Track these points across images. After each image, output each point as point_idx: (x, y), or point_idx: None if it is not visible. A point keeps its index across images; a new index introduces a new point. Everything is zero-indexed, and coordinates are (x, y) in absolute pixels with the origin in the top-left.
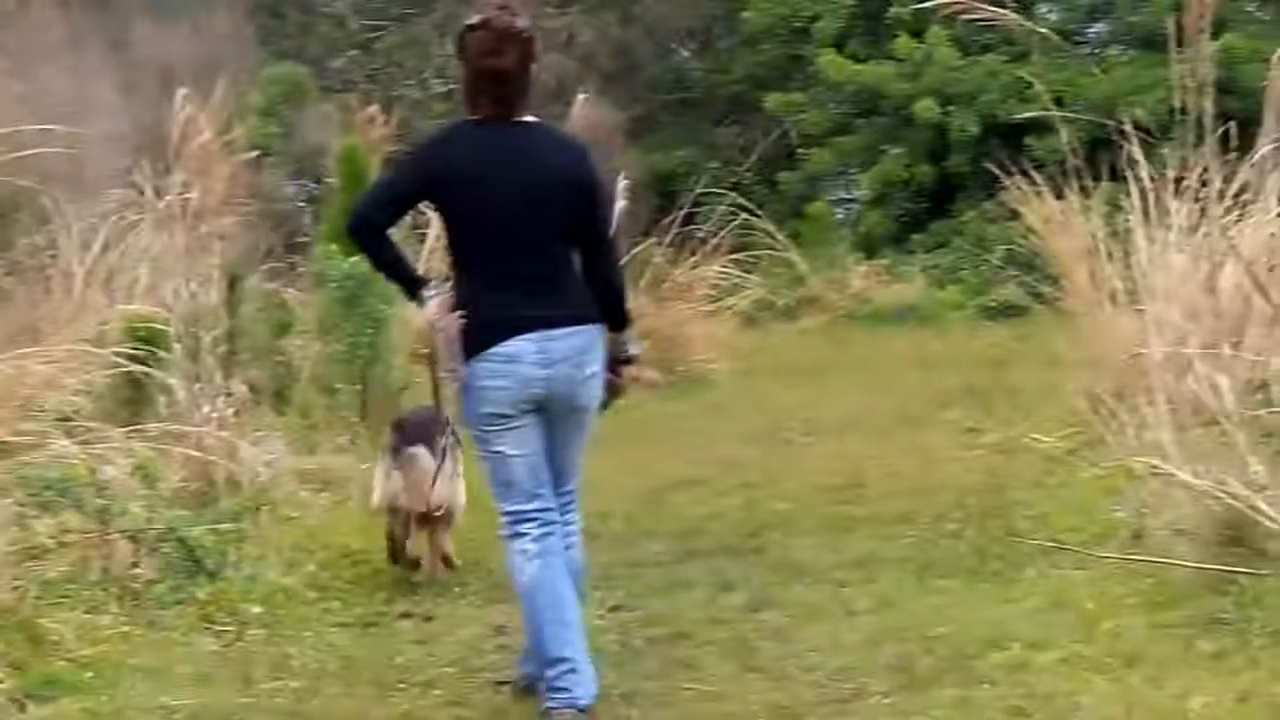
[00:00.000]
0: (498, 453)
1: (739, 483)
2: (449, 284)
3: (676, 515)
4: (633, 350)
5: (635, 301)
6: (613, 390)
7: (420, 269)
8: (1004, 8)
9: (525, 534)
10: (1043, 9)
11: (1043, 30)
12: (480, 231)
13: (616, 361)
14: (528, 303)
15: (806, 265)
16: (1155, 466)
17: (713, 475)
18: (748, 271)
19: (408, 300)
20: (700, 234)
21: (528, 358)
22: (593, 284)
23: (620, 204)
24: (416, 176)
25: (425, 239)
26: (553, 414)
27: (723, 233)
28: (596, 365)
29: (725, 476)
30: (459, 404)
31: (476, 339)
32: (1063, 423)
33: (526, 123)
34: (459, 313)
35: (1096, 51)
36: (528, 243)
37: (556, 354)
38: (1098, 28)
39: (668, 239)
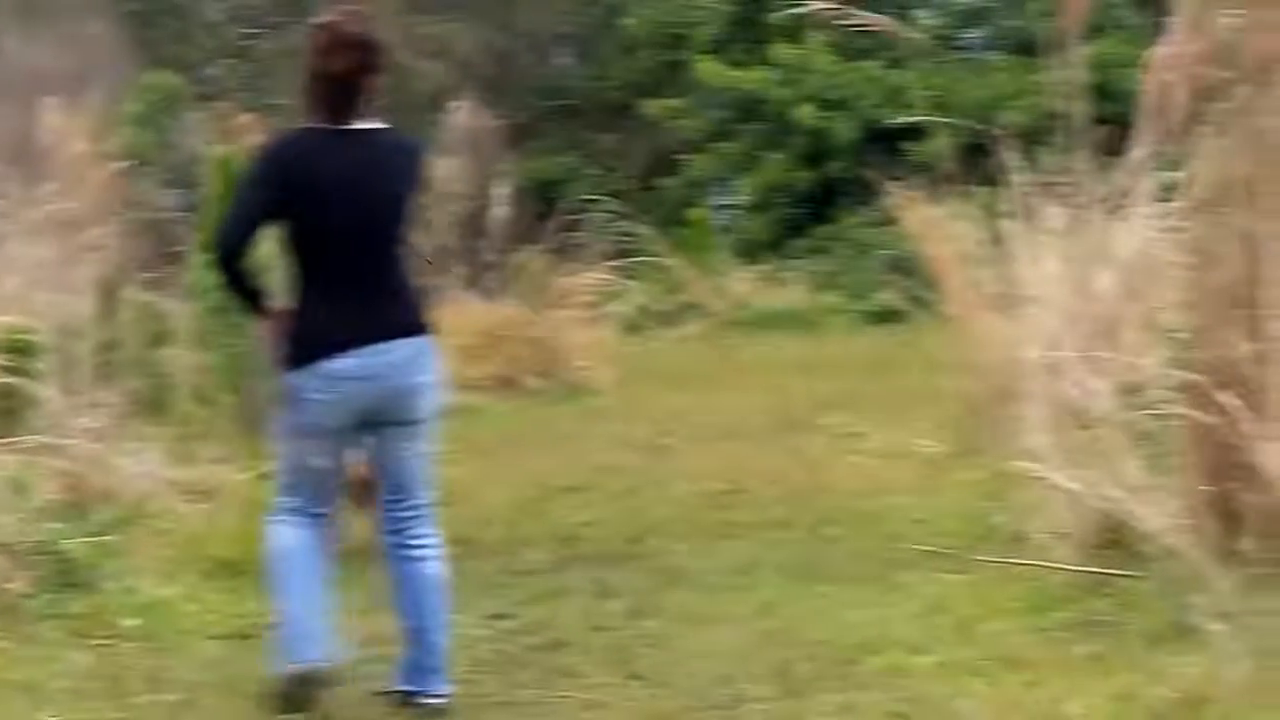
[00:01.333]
0: (303, 458)
1: (620, 489)
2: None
3: (556, 522)
4: None
5: (514, 308)
6: None
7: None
8: (881, 14)
9: (290, 521)
10: (920, 15)
11: (919, 36)
12: (315, 241)
13: None
14: (357, 315)
15: (687, 271)
16: (1033, 470)
17: (593, 482)
18: (629, 278)
19: (252, 315)
20: (581, 241)
21: (354, 372)
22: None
23: (501, 210)
24: (271, 189)
25: None
26: (383, 428)
27: (603, 239)
28: (427, 376)
29: (606, 483)
30: (282, 411)
31: (305, 351)
32: (942, 427)
33: (366, 130)
34: (291, 323)
35: (974, 57)
36: (362, 253)
37: (384, 367)
38: (975, 33)
39: (548, 246)
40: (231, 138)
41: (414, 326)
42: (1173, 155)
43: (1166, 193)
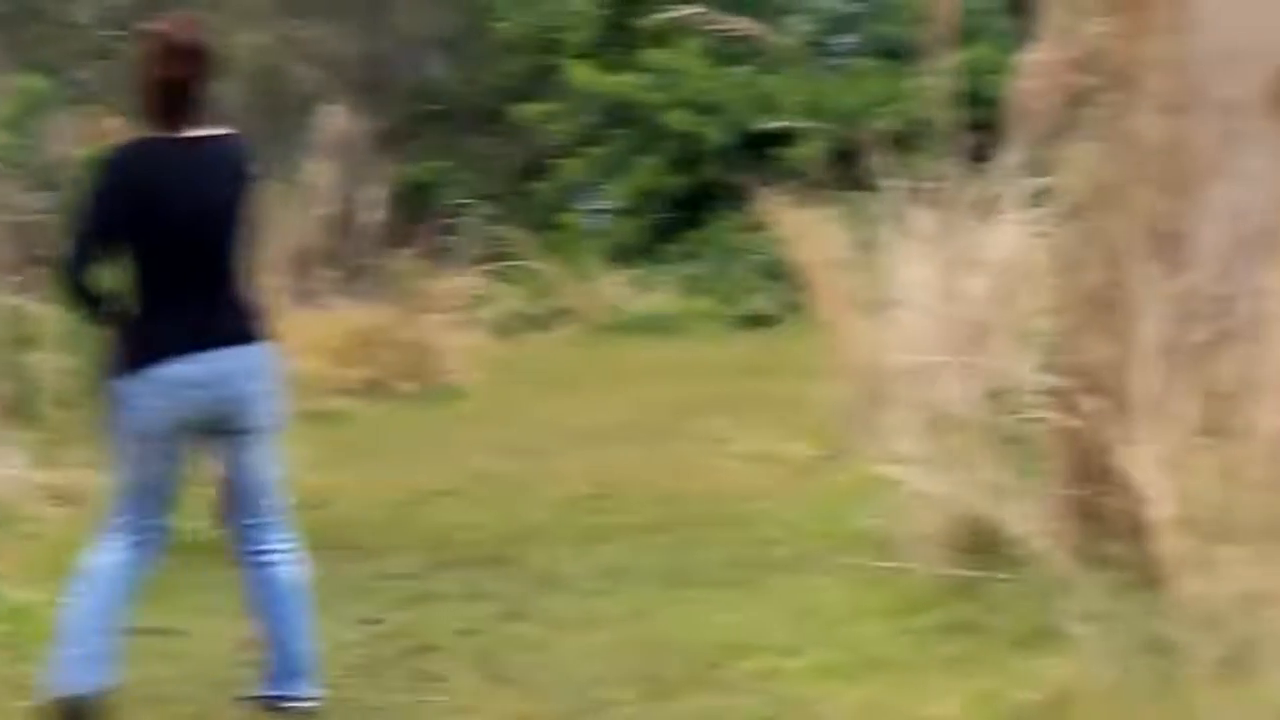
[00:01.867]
0: (138, 467)
1: (492, 493)
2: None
3: (428, 527)
4: None
5: (386, 312)
6: None
7: None
8: (753, 19)
9: (118, 538)
10: (792, 21)
11: (790, 42)
12: (151, 248)
13: None
14: (190, 322)
15: (559, 275)
16: (901, 474)
17: (465, 486)
18: (500, 282)
19: (95, 324)
20: (453, 244)
21: (186, 378)
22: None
23: (373, 214)
24: (114, 200)
25: None
26: (220, 436)
27: (475, 243)
28: (262, 384)
29: (478, 487)
30: (114, 417)
31: (137, 357)
32: (812, 432)
33: (200, 137)
34: (126, 330)
35: (845, 63)
36: (196, 260)
37: (215, 374)
38: (846, 39)
39: (420, 250)
40: (100, 141)
41: (248, 334)
42: (1042, 161)
43: (1036, 198)
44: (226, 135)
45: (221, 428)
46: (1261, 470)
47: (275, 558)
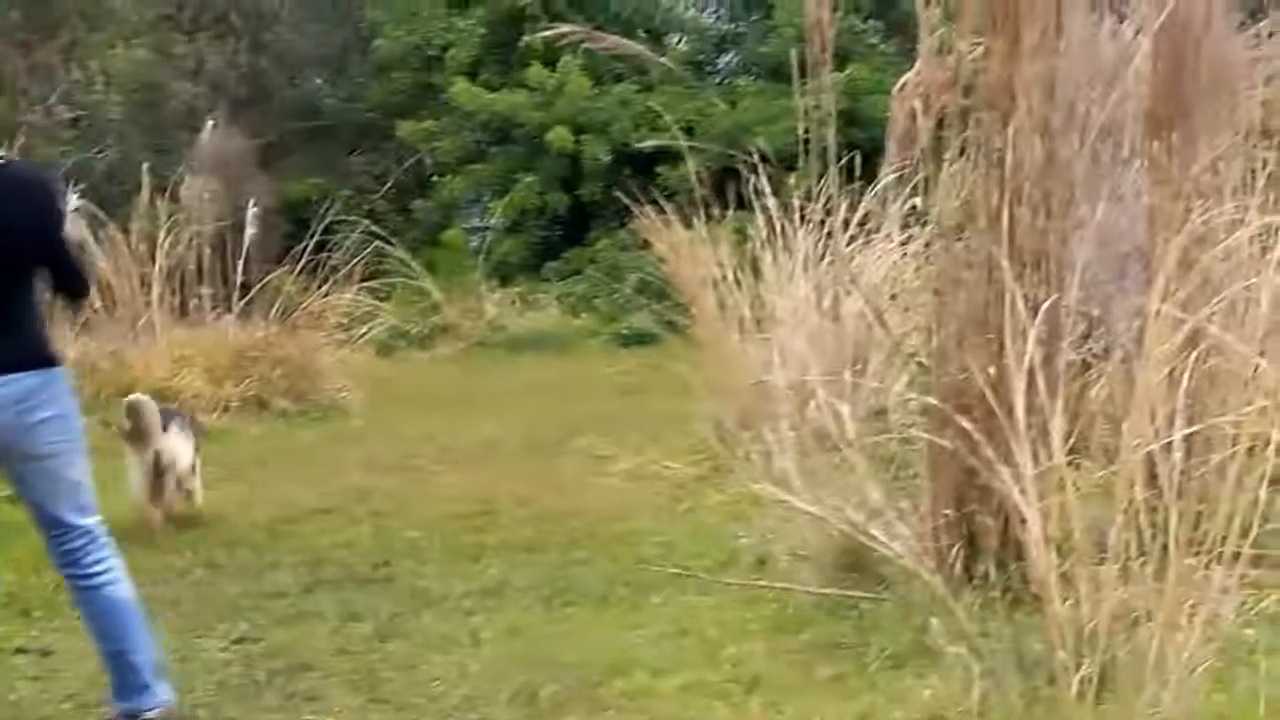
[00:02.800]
0: None
1: (369, 511)
2: None
3: (304, 545)
4: None
5: (266, 330)
6: None
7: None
8: (634, 38)
9: None
10: (673, 39)
11: (670, 62)
12: None
13: None
14: None
15: (441, 293)
16: (778, 494)
17: (342, 504)
18: (381, 300)
19: None
20: (333, 262)
21: None
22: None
23: (252, 230)
24: None
25: None
26: (16, 463)
27: (356, 261)
28: (51, 410)
29: (355, 505)
30: None
31: None
32: (692, 450)
33: None
34: None
35: (726, 81)
36: None
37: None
38: (727, 58)
39: (299, 267)
40: None
41: (35, 359)
42: (918, 181)
43: (912, 218)
44: (19, 163)
45: (14, 455)
46: (1132, 490)
47: (102, 578)
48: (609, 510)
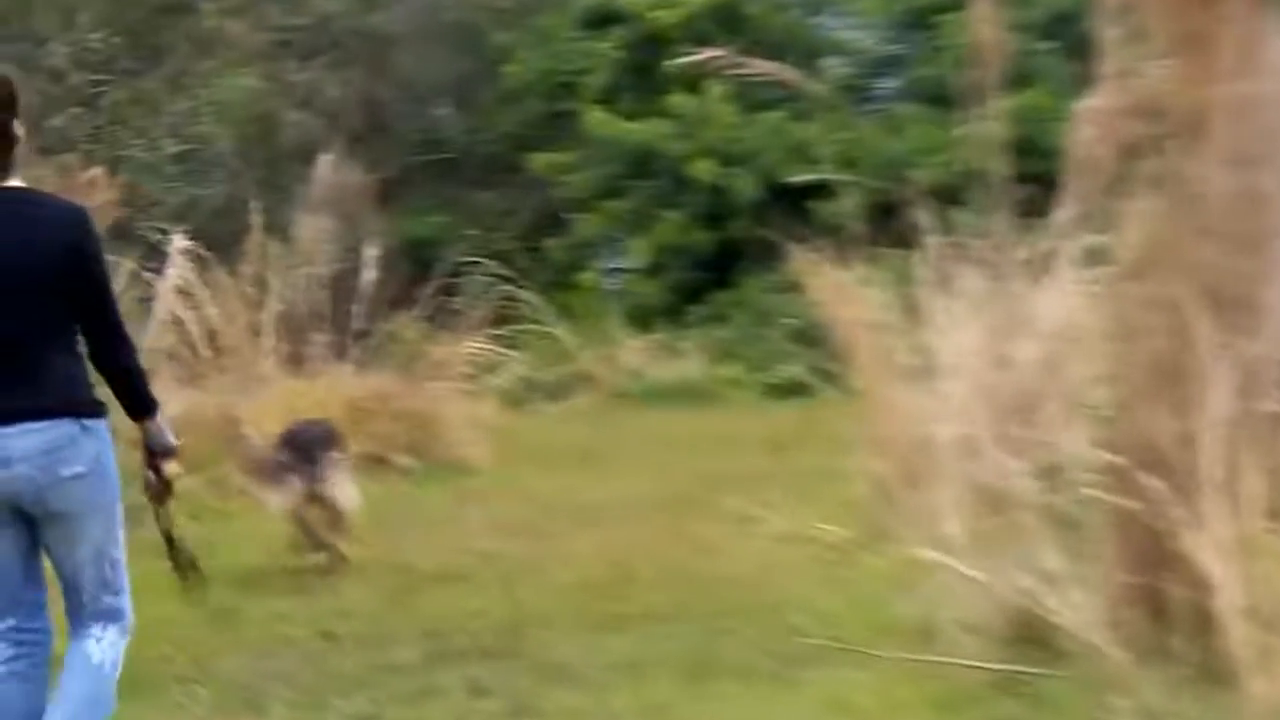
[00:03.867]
0: None
1: (496, 577)
2: None
3: (427, 614)
4: (169, 440)
5: (385, 380)
6: (152, 491)
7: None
8: (785, 62)
9: None
10: (827, 63)
11: (826, 87)
12: None
13: (154, 455)
14: None
15: (574, 340)
16: (943, 558)
17: (469, 569)
18: (510, 347)
19: None
20: (458, 306)
21: None
22: (103, 367)
23: (371, 273)
24: None
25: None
26: (34, 520)
27: (483, 305)
28: (80, 465)
29: (482, 571)
30: None
31: None
32: (847, 511)
33: (8, 189)
34: None
35: (885, 109)
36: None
37: (16, 453)
38: (887, 84)
39: (422, 312)
40: (79, 193)
41: (57, 409)
42: (1099, 217)
43: (1092, 258)
44: (42, 194)
45: (32, 510)
46: None
47: (87, 646)
48: (757, 576)
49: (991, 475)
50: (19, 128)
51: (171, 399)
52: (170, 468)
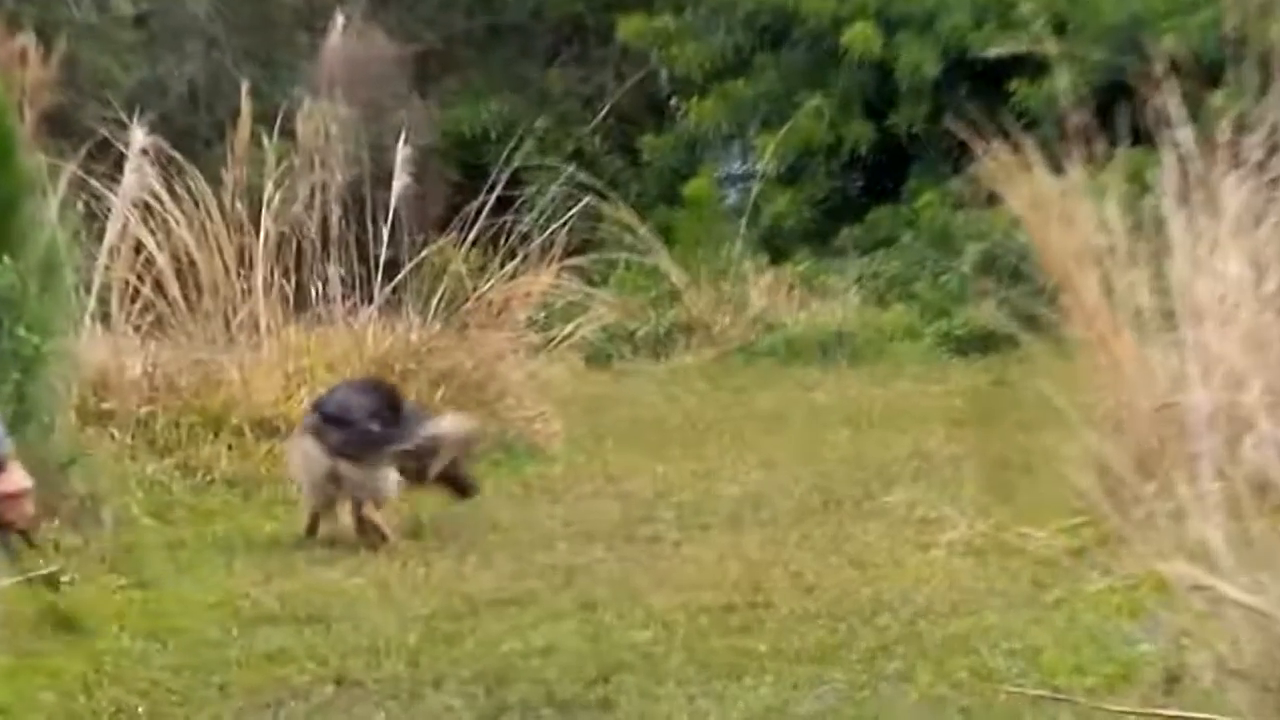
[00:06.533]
0: None
1: (578, 602)
2: None
3: (484, 652)
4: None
5: (424, 329)
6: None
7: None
8: None
9: None
10: None
11: None
12: None
13: None
14: None
15: (683, 274)
16: (1198, 576)
17: (539, 591)
18: (595, 285)
19: None
20: (522, 228)
21: None
22: None
23: (404, 181)
24: None
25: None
26: None
27: (557, 226)
28: None
29: (558, 593)
30: None
31: None
32: (1063, 510)
33: None
34: None
35: None
36: None
37: None
38: None
39: (472, 236)
40: (1, 69)
41: None
42: None
43: None
44: None
45: None
46: None
47: None
48: (936, 600)
49: (1265, 459)
50: None
51: (131, 356)
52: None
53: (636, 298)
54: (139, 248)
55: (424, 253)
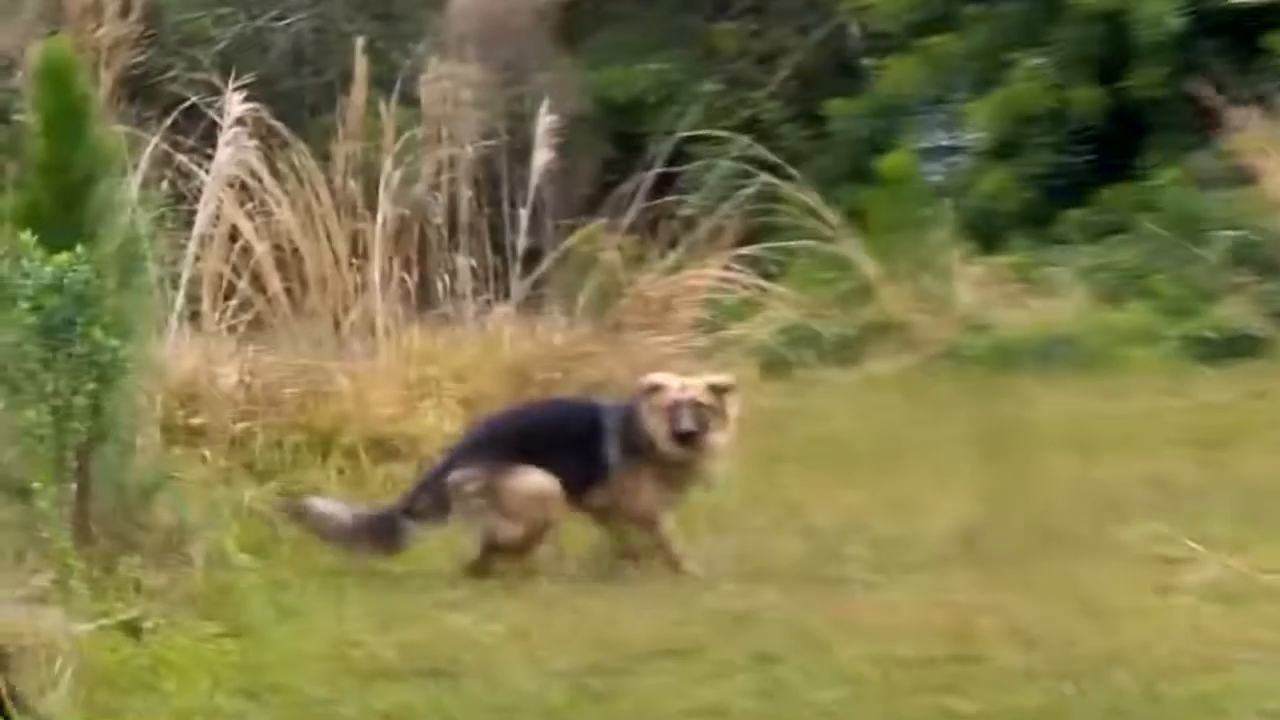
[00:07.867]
0: None
1: (752, 654)
2: None
3: (640, 712)
4: None
5: (569, 330)
6: None
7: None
8: None
9: None
10: None
11: None
12: None
13: None
14: None
15: (877, 265)
16: None
17: (708, 640)
18: (771, 277)
19: None
20: (687, 211)
21: None
22: None
23: (547, 154)
24: None
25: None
26: None
27: (727, 208)
28: None
29: (725, 642)
30: None
31: None
32: None
33: None
34: None
35: None
36: None
37: None
38: None
39: (626, 220)
40: (68, 26)
41: None
42: None
43: None
44: None
45: None
46: None
47: None
48: (1183, 653)
49: None
50: None
51: (225, 363)
52: None
53: (821, 294)
54: (234, 235)
55: (570, 240)
